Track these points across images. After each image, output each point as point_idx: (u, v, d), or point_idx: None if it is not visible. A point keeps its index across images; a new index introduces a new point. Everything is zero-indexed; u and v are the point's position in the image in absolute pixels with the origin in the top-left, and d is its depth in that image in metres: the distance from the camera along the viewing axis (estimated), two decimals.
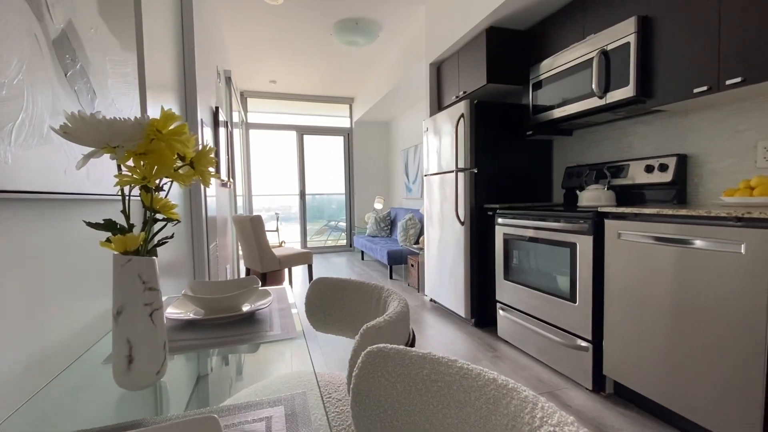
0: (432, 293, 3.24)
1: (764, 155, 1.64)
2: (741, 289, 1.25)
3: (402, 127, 6.08)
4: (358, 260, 5.72)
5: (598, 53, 1.98)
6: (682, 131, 1.98)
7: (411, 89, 4.73)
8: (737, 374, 1.26)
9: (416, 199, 5.46)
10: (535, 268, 2.15)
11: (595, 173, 2.40)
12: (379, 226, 5.51)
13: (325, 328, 1.11)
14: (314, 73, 5.26)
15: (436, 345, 2.42)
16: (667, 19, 1.73)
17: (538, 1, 2.34)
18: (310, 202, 6.68)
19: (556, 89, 2.31)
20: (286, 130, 6.39)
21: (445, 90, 3.29)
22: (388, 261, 4.19)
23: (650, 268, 1.55)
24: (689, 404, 1.41)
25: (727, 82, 1.51)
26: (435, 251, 3.16)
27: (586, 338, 1.82)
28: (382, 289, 0.98)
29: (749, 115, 1.70)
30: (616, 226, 1.69)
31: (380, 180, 6.82)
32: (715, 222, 1.32)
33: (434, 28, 3.30)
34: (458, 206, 2.74)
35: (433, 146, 3.15)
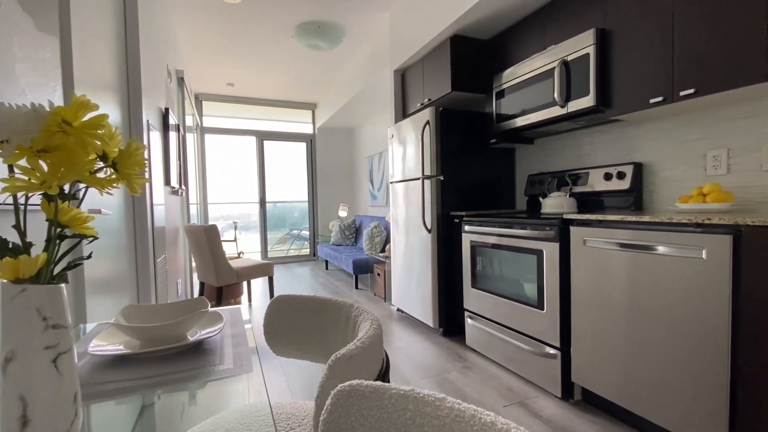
0: (399, 303, 3.17)
1: (713, 164, 1.73)
2: (703, 293, 1.27)
3: (366, 133, 6.03)
4: (322, 270, 5.55)
5: (559, 63, 2.02)
6: (638, 140, 2.06)
7: (375, 96, 4.69)
8: (702, 378, 1.28)
9: (382, 206, 5.40)
10: (502, 276, 2.14)
11: (557, 181, 2.44)
12: (344, 235, 5.39)
13: (288, 352, 0.99)
14: (275, 77, 5.09)
15: (404, 357, 2.34)
16: (623, 32, 1.79)
17: (500, 11, 2.38)
18: (272, 211, 6.43)
19: (518, 98, 2.34)
20: (245, 136, 6.13)
21: (410, 97, 3.26)
22: (354, 270, 4.08)
23: (615, 274, 1.56)
24: (656, 409, 1.43)
25: (680, 93, 1.57)
26: (401, 259, 3.10)
27: (554, 345, 1.82)
28: (351, 307, 0.89)
29: (699, 125, 1.79)
30: (581, 233, 1.71)
31: (345, 187, 6.71)
32: (676, 228, 1.35)
33: (398, 35, 3.27)
34: (425, 214, 2.70)
35: (399, 153, 3.10)
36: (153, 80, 2.30)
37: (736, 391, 1.21)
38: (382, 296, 3.74)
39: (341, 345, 0.88)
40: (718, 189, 1.57)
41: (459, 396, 1.87)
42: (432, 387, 1.96)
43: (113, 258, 1.51)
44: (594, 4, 1.92)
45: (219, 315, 0.86)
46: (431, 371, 2.15)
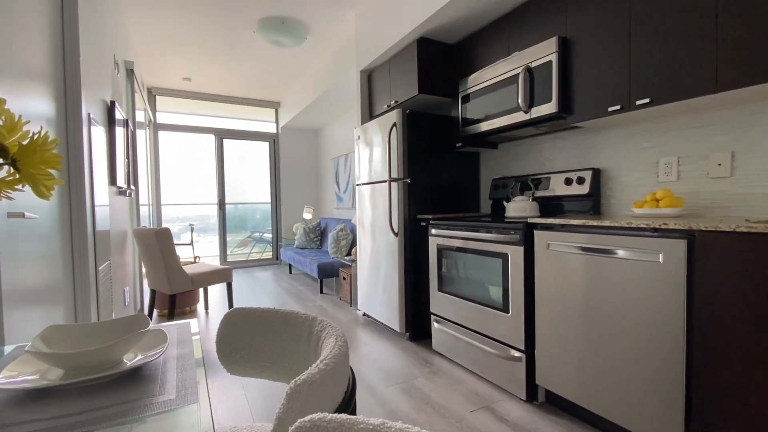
0: (365, 307, 3.11)
1: (665, 171, 1.82)
2: (661, 296, 1.31)
3: (332, 134, 5.92)
4: (285, 274, 5.38)
5: (523, 70, 2.05)
6: (596, 147, 2.13)
7: (342, 96, 4.61)
8: (659, 377, 1.33)
9: (348, 209, 5.32)
10: (469, 279, 2.14)
11: (520, 185, 2.49)
12: (309, 238, 5.25)
13: (244, 371, 0.90)
14: (236, 72, 4.87)
15: (370, 364, 2.29)
16: (584, 41, 1.84)
17: (465, 15, 2.39)
18: (232, 212, 6.15)
19: (483, 103, 2.36)
20: (204, 134, 5.83)
21: (377, 98, 3.22)
22: (319, 274, 3.97)
23: (577, 277, 1.59)
24: (616, 408, 1.46)
25: (637, 102, 1.63)
26: (368, 263, 3.04)
27: (519, 348, 1.83)
28: (314, 320, 0.82)
29: (652, 134, 1.87)
30: (545, 237, 1.73)
31: (309, 189, 6.56)
32: (635, 233, 1.39)
33: (365, 35, 3.22)
34: (392, 217, 2.66)
35: (365, 155, 3.05)
36: (96, 70, 2.09)
37: (691, 390, 1.26)
38: (347, 301, 3.66)
39: (303, 363, 0.80)
40: (670, 195, 1.65)
41: (426, 402, 1.83)
42: (398, 394, 1.92)
43: (42, 266, 1.34)
44: (556, 12, 1.97)
45: (162, 333, 0.76)
46: (397, 378, 2.10)
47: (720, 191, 1.63)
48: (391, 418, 1.72)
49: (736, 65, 1.34)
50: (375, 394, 1.93)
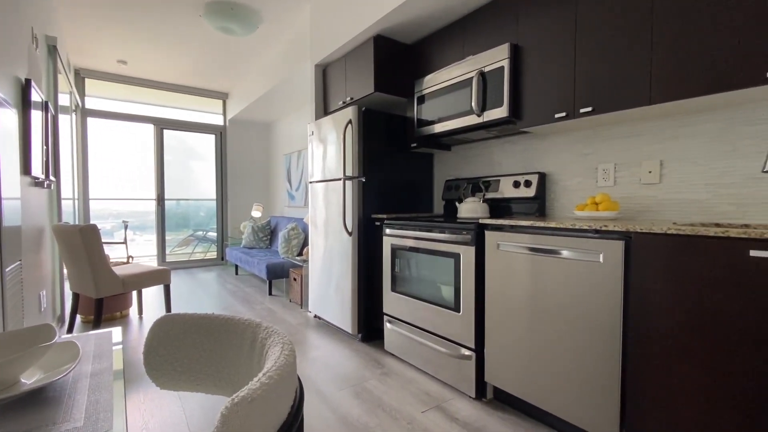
0: (316, 309, 3.02)
1: (603, 176, 1.94)
2: (600, 293, 1.39)
3: (285, 129, 5.72)
4: (231, 275, 5.10)
5: (477, 74, 2.09)
6: (543, 152, 2.23)
7: (295, 90, 4.46)
8: (598, 371, 1.40)
9: (300, 207, 5.16)
10: (422, 279, 2.14)
11: (472, 186, 2.55)
12: (257, 237, 5.02)
13: (176, 384, 0.81)
14: (179, 59, 4.53)
15: (321, 368, 2.21)
16: (534, 49, 1.91)
17: (422, 16, 2.39)
18: (174, 209, 5.73)
19: (438, 105, 2.38)
20: (141, 123, 5.37)
21: (332, 94, 3.14)
22: (267, 275, 3.80)
23: (525, 276, 1.64)
24: (558, 402, 1.53)
25: (580, 110, 1.72)
26: (320, 263, 2.95)
27: (469, 347, 1.86)
28: (258, 327, 0.75)
29: (592, 141, 1.99)
30: (495, 238, 1.77)
31: (259, 186, 6.28)
32: (578, 234, 1.46)
33: (320, 29, 3.13)
34: (346, 216, 2.60)
35: (319, 152, 2.96)
36: (6, 42, 1.82)
37: (626, 381, 1.35)
38: (298, 302, 3.54)
39: (246, 375, 0.73)
40: (607, 199, 1.76)
41: (377, 405, 1.80)
42: (350, 398, 1.87)
43: None
44: (509, 20, 2.03)
45: (74, 347, 0.65)
46: (349, 381, 2.05)
47: (651, 196, 1.77)
48: (342, 423, 1.67)
49: (666, 81, 1.45)
50: (326, 399, 1.86)
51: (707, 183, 1.60)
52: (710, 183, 1.59)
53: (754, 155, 1.48)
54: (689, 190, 1.65)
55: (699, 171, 1.62)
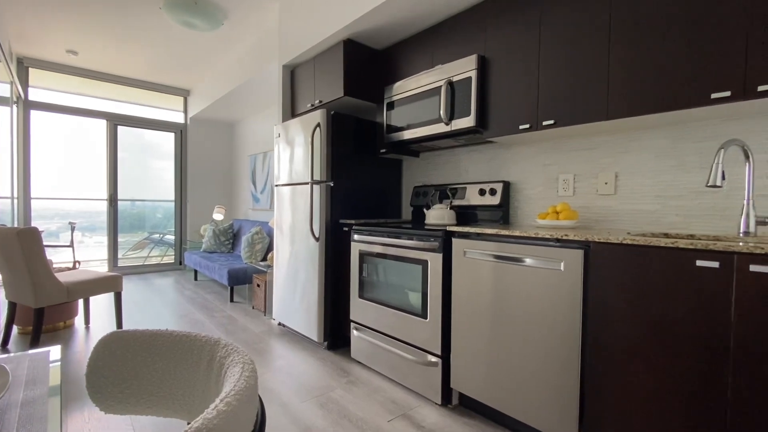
0: (281, 316, 2.93)
1: (563, 186, 2.02)
2: (561, 300, 1.44)
3: (250, 129, 5.55)
4: (189, 281, 4.86)
5: (445, 83, 2.12)
6: (508, 161, 2.29)
7: (261, 90, 4.34)
8: (559, 375, 1.45)
9: (265, 210, 5.01)
10: (389, 285, 2.14)
11: (439, 193, 2.58)
12: (219, 240, 4.83)
13: (125, 408, 0.74)
14: (137, 52, 4.29)
15: (285, 378, 2.14)
16: (500, 62, 1.96)
17: (391, 24, 2.40)
18: (128, 210, 5.40)
19: (407, 112, 2.40)
20: (93, 118, 5.02)
21: (300, 96, 3.08)
22: (229, 281, 3.65)
23: (490, 283, 1.68)
24: (521, 407, 1.56)
25: (543, 122, 1.78)
26: (285, 269, 2.87)
27: (435, 353, 1.87)
28: (217, 344, 0.70)
29: (554, 152, 2.07)
30: (462, 245, 1.80)
31: (222, 187, 6.05)
32: (541, 243, 1.51)
33: (289, 29, 3.07)
34: (313, 221, 2.55)
35: (286, 154, 2.89)
36: None
37: (585, 383, 1.40)
38: (261, 309, 3.43)
39: (202, 398, 0.68)
40: (567, 208, 1.83)
41: (343, 415, 1.77)
42: (314, 409, 1.82)
43: None
44: (477, 32, 2.08)
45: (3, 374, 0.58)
46: (314, 391, 2.00)
47: (607, 206, 1.87)
48: None
49: (622, 99, 1.53)
50: (288, 412, 1.80)
51: (657, 195, 1.71)
52: (659, 195, 1.70)
53: (698, 170, 1.60)
54: (641, 201, 1.75)
55: (649, 183, 1.73)
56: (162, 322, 3.14)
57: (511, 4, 1.92)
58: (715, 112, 1.45)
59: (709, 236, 1.47)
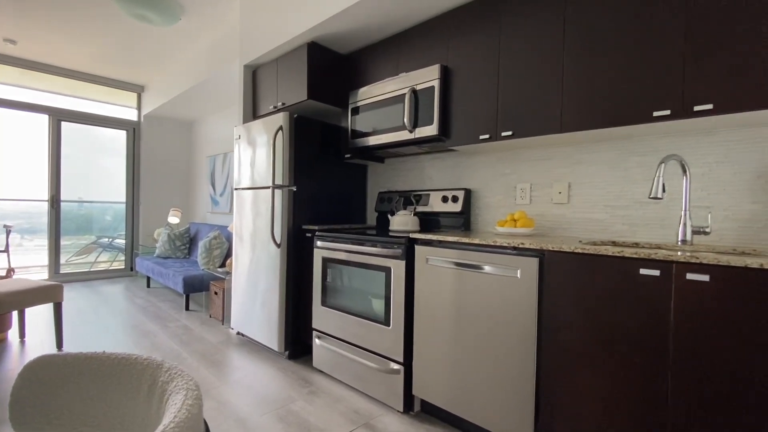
0: (239, 325, 2.82)
1: (521, 195, 2.09)
2: (518, 307, 1.48)
3: (209, 129, 5.33)
4: (141, 289, 4.58)
5: (409, 91, 2.14)
6: (469, 169, 2.35)
7: (222, 89, 4.19)
8: (516, 381, 1.49)
9: (224, 213, 4.83)
10: (352, 293, 2.11)
11: (403, 200, 2.59)
12: (174, 245, 4.59)
13: None
14: (85, 43, 4.00)
15: (243, 391, 2.06)
16: (462, 73, 2.01)
17: (355, 29, 2.40)
18: (75, 211, 5.01)
19: (372, 117, 2.40)
20: (34, 112, 4.63)
21: (262, 97, 3.00)
22: (184, 289, 3.48)
23: (451, 290, 1.70)
24: (481, 412, 1.59)
25: (502, 133, 1.84)
26: (245, 276, 2.77)
27: (398, 361, 1.87)
28: (159, 368, 0.65)
29: (512, 162, 2.14)
30: (424, 252, 1.81)
31: (179, 189, 5.76)
32: (499, 251, 1.55)
33: (251, 28, 2.98)
34: (274, 226, 2.48)
35: (246, 157, 2.79)
36: None
37: (540, 389, 1.44)
38: (219, 318, 3.29)
39: (141, 427, 0.63)
40: (524, 216, 1.90)
41: (304, 427, 1.72)
42: (274, 422, 1.76)
43: None
44: (439, 42, 2.11)
45: None
46: (273, 403, 1.94)
47: (560, 215, 1.95)
48: None
49: (574, 113, 1.61)
50: (246, 427, 1.73)
51: (605, 205, 1.81)
52: (608, 205, 1.80)
53: (642, 182, 1.71)
54: (592, 210, 1.85)
55: (599, 194, 1.83)
56: (109, 334, 2.93)
57: (471, 18, 1.97)
58: (657, 129, 1.56)
59: (652, 244, 1.57)
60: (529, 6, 1.75)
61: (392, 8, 2.13)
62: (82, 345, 2.69)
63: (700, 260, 1.10)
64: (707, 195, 1.56)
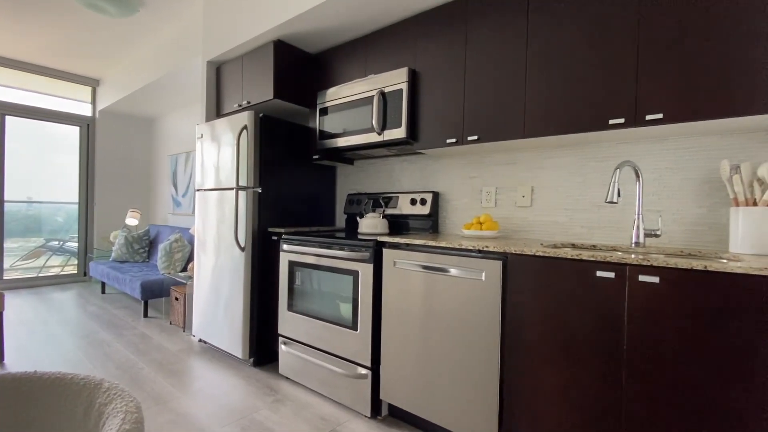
0: (201, 332, 2.71)
1: (486, 198, 2.13)
2: (483, 309, 1.50)
3: (171, 127, 5.10)
4: (95, 295, 4.32)
5: (378, 93, 2.13)
6: (437, 172, 2.37)
7: (184, 85, 4.02)
8: (481, 381, 1.51)
9: (187, 215, 4.63)
10: (320, 297, 2.08)
11: (372, 202, 2.58)
12: (132, 249, 4.35)
13: None
14: (36, 33, 3.72)
15: (205, 402, 1.97)
16: (429, 77, 2.02)
17: (323, 29, 2.36)
18: (22, 211, 4.64)
19: (340, 119, 2.37)
20: None
21: (226, 95, 2.90)
22: (142, 295, 3.30)
23: (418, 293, 1.70)
24: (448, 414, 1.60)
25: (468, 138, 1.87)
26: (208, 281, 2.66)
27: (365, 365, 1.85)
28: (97, 388, 0.60)
29: (478, 166, 2.18)
30: (392, 255, 1.81)
31: (138, 189, 5.47)
32: (465, 254, 1.57)
33: (215, 24, 2.88)
34: (238, 229, 2.40)
35: (209, 157, 2.69)
36: None
37: (503, 389, 1.47)
38: (180, 325, 3.14)
39: None
40: (489, 219, 1.93)
41: None
42: None
43: None
44: (407, 45, 2.12)
45: None
46: (236, 413, 1.87)
47: (524, 218, 2.00)
48: None
49: (537, 119, 1.66)
50: None
51: (565, 208, 1.87)
52: (568, 208, 1.87)
53: (599, 186, 1.78)
54: (553, 213, 1.91)
55: (560, 197, 1.89)
56: (56, 346, 2.73)
57: (438, 24, 1.99)
58: (613, 136, 1.63)
59: (608, 246, 1.64)
60: (494, 17, 1.79)
61: (359, 10, 2.11)
62: (25, 359, 2.49)
63: (651, 263, 1.15)
64: (658, 199, 1.64)
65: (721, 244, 1.51)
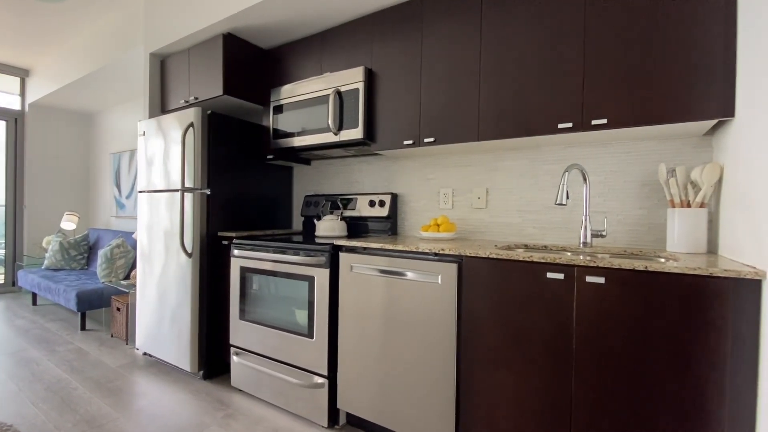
0: (146, 345, 2.51)
1: (444, 200, 2.13)
2: (440, 313, 1.49)
3: (113, 123, 4.72)
4: (25, 307, 3.91)
5: (333, 92, 2.06)
6: (395, 174, 2.34)
7: (126, 78, 3.73)
8: (439, 385, 1.49)
9: (132, 218, 4.31)
10: (274, 305, 1.98)
11: (330, 204, 2.51)
12: (68, 255, 3.98)
13: None
14: None
15: (146, 421, 1.82)
16: (386, 76, 1.99)
17: (276, 23, 2.26)
18: None
19: (296, 117, 2.28)
20: None
21: (172, 91, 2.71)
22: (79, 306, 3.02)
23: (375, 298, 1.66)
24: (407, 421, 1.57)
25: (424, 139, 1.85)
26: (153, 290, 2.47)
27: (322, 374, 1.79)
28: None
29: (435, 167, 2.18)
30: (349, 259, 1.75)
31: (75, 190, 5.02)
32: (421, 257, 1.55)
33: (158, 13, 2.68)
34: (184, 234, 2.24)
35: (153, 156, 2.50)
36: None
37: (459, 393, 1.46)
38: (122, 338, 2.90)
39: None
40: (447, 221, 1.93)
41: None
42: None
43: None
44: (363, 43, 2.07)
45: None
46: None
47: (479, 219, 2.02)
48: None
49: (490, 122, 1.67)
50: None
51: (518, 209, 1.91)
52: (521, 209, 1.90)
53: (550, 188, 1.83)
54: (507, 214, 1.94)
55: (513, 199, 1.92)
56: None
57: (395, 23, 1.96)
58: (563, 140, 1.67)
59: (558, 247, 1.68)
60: (449, 20, 1.78)
61: (312, 4, 2.04)
62: None
63: (597, 263, 1.18)
64: (604, 201, 1.71)
65: (660, 243, 1.59)
